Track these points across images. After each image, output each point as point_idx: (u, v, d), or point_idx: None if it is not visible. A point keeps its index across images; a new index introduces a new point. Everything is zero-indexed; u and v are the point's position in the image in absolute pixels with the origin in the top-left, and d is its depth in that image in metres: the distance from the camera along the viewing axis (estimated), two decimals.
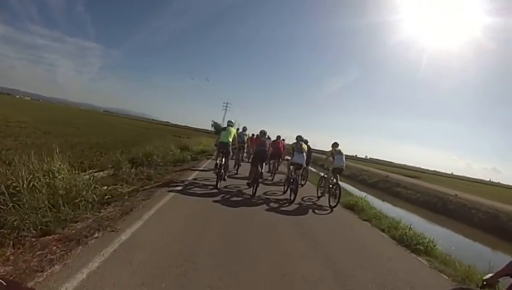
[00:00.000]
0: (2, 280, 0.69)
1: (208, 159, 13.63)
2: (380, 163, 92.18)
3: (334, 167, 7.96)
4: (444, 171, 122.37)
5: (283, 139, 11.34)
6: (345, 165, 8.10)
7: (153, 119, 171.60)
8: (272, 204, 6.75)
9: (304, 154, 7.80)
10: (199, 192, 6.66)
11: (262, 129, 8.59)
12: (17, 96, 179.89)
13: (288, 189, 7.75)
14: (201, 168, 10.30)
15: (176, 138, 24.21)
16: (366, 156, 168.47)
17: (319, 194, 8.54)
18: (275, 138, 11.11)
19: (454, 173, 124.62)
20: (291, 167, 7.96)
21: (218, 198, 6.36)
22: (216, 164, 7.60)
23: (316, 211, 6.99)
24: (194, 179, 8.10)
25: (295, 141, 8.07)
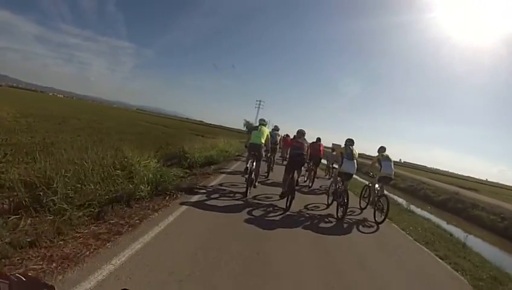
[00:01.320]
0: (21, 275, 0.66)
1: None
2: (415, 167, 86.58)
3: (382, 175, 6.97)
4: (478, 177, 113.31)
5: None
6: (393, 173, 7.02)
7: (187, 118, 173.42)
8: (315, 222, 5.77)
9: (355, 161, 6.79)
10: (221, 205, 5.59)
11: (300, 129, 7.19)
12: (50, 94, 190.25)
13: (334, 202, 6.80)
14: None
15: (196, 137, 21.42)
16: (400, 160, 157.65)
17: (362, 206, 7.58)
18: (315, 140, 10.27)
19: (488, 180, 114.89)
20: (338, 176, 6.98)
21: (245, 215, 5.26)
22: (246, 168, 6.88)
23: (361, 229, 6.04)
24: (220, 185, 7.38)
25: (344, 145, 7.01)
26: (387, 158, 7.04)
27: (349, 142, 6.95)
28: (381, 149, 7.26)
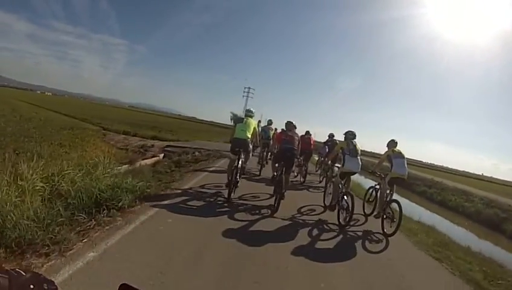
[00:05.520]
0: (21, 270, 0.63)
1: None
2: (413, 164, 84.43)
3: (393, 175, 5.70)
4: (473, 171, 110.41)
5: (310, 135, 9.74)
6: (407, 173, 5.82)
7: (179, 115, 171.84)
8: (313, 233, 4.71)
9: (359, 158, 5.71)
10: (197, 213, 4.55)
11: (288, 120, 6.27)
12: (38, 92, 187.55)
13: (335, 207, 5.68)
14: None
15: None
16: None
17: (367, 211, 6.39)
18: (304, 133, 9.34)
19: (484, 174, 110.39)
20: (339, 175, 5.85)
21: (226, 225, 4.24)
22: (229, 167, 5.70)
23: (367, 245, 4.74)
24: (201, 186, 6.18)
25: (343, 139, 5.96)
26: (400, 155, 5.75)
27: (351, 135, 5.86)
28: (392, 143, 5.97)
